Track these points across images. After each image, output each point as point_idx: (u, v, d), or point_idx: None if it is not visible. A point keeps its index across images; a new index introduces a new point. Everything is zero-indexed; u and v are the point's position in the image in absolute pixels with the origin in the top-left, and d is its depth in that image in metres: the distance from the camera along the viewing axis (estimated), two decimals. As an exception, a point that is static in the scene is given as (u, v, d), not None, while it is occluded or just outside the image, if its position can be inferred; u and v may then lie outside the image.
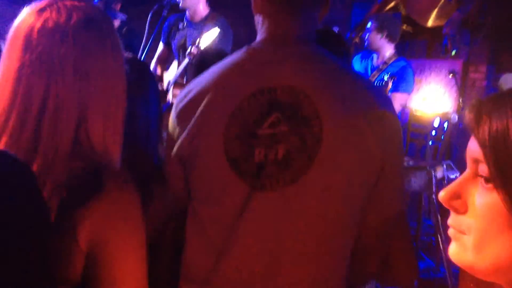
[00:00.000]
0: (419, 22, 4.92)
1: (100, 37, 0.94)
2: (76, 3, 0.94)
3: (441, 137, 3.81)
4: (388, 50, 3.76)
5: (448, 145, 4.01)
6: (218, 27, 3.11)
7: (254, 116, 1.07)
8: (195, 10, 3.34)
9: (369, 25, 3.79)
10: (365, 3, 5.53)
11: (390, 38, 3.73)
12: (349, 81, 1.12)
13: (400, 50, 5.57)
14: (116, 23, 4.01)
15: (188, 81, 2.79)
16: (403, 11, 5.06)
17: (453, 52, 4.31)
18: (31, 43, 0.89)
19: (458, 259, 0.65)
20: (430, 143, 3.85)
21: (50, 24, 0.90)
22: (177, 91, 3.13)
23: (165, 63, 3.57)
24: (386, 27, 3.70)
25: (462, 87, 4.99)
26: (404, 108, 3.81)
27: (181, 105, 1.15)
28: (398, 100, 3.56)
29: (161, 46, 3.57)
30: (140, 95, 1.28)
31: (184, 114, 1.13)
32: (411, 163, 3.20)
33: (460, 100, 4.37)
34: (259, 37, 1.16)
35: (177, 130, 1.14)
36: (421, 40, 5.44)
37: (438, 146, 3.82)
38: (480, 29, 4.89)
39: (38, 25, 0.90)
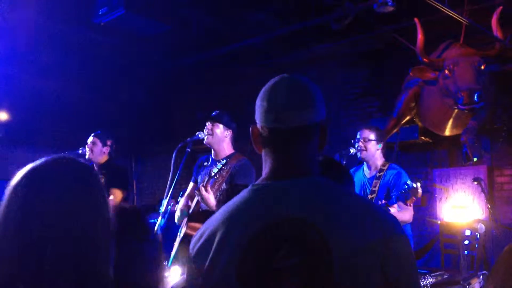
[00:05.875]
0: (436, 133, 5.02)
1: None
2: None
3: (475, 246, 3.69)
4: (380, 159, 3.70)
5: (484, 254, 3.87)
6: (240, 166, 3.19)
7: (265, 251, 1.11)
8: (219, 148, 3.41)
9: (365, 135, 3.67)
10: (382, 118, 5.73)
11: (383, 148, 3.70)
12: (353, 206, 1.17)
13: (422, 161, 5.66)
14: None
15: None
16: (419, 124, 5.20)
17: (475, 159, 4.33)
18: None
19: None
20: (466, 252, 3.72)
21: None
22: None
23: (193, 199, 3.63)
24: (382, 138, 3.69)
25: (491, 192, 4.93)
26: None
27: (197, 246, 1.21)
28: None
29: (191, 184, 3.61)
30: None
31: (201, 255, 1.19)
32: (446, 276, 3.09)
33: (489, 206, 4.30)
34: (263, 173, 1.25)
35: (195, 271, 1.20)
36: (441, 150, 5.51)
37: (474, 255, 3.69)
38: (499, 134, 4.95)
39: None
